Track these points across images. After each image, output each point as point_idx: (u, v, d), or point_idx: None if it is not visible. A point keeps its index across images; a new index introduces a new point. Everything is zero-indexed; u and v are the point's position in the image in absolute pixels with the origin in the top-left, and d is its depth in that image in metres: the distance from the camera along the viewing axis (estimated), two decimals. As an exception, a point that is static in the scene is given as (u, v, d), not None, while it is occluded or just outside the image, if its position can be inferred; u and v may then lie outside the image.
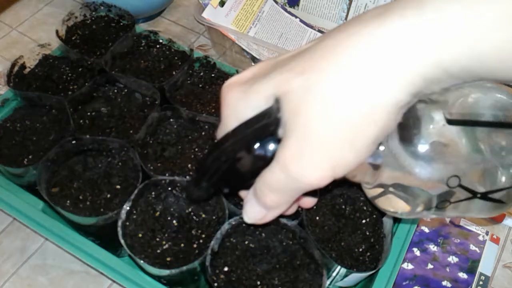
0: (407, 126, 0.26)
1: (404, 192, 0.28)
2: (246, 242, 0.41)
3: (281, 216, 0.41)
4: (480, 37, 0.20)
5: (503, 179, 0.28)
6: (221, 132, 0.28)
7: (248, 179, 0.28)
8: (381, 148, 0.27)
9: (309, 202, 0.33)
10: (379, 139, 0.23)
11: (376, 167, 0.27)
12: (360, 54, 0.22)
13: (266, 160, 0.26)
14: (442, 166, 0.26)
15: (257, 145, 0.26)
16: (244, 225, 0.41)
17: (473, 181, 0.28)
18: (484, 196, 0.28)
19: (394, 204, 0.30)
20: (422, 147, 0.26)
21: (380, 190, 0.29)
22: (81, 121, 0.50)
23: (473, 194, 0.28)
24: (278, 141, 0.25)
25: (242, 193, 0.32)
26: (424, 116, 0.27)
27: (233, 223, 0.40)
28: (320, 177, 0.24)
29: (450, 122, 0.26)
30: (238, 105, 0.26)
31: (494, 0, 0.20)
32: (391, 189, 0.29)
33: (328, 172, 0.24)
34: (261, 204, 0.28)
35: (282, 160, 0.24)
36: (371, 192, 0.30)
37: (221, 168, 0.28)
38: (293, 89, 0.23)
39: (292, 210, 0.32)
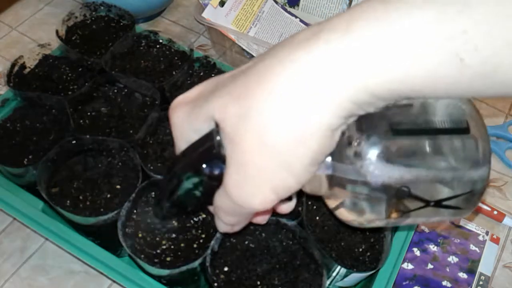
0: (352, 138, 0.26)
1: (356, 203, 0.28)
2: (246, 242, 0.41)
3: (281, 216, 0.41)
4: (404, 62, 0.20)
5: (456, 185, 0.27)
6: (176, 152, 0.28)
7: (206, 198, 0.28)
8: (328, 159, 0.26)
9: (286, 208, 0.32)
10: (318, 161, 0.23)
11: (329, 177, 0.27)
12: (289, 81, 0.22)
13: (217, 179, 0.26)
14: (392, 175, 0.25)
15: (205, 167, 0.26)
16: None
17: (426, 189, 0.27)
18: (438, 204, 0.27)
19: (349, 216, 0.29)
20: (371, 156, 0.25)
21: (335, 202, 0.29)
22: (81, 121, 0.50)
23: (426, 203, 0.27)
24: (223, 163, 0.25)
25: (211, 208, 0.31)
26: (370, 125, 0.26)
27: (233, 223, 0.40)
28: (263, 201, 0.24)
29: (396, 132, 0.26)
30: (183, 127, 0.27)
31: (419, 24, 0.19)
32: (345, 201, 0.28)
33: (271, 196, 0.24)
34: (222, 222, 0.28)
35: (226, 186, 0.25)
36: (329, 204, 0.30)
37: (175, 190, 0.28)
38: (229, 116, 0.23)
39: (263, 220, 0.32)
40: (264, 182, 0.23)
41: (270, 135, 0.22)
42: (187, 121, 0.26)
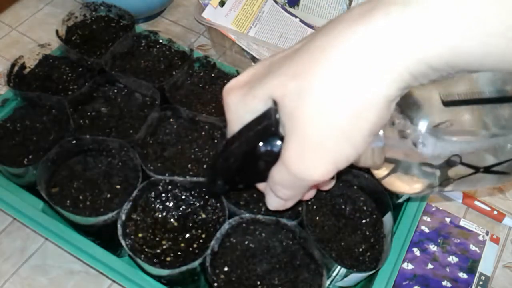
0: (407, 107, 0.27)
1: (407, 171, 0.29)
2: (246, 242, 0.41)
3: (281, 216, 0.41)
4: (463, 33, 0.20)
5: (506, 151, 0.28)
6: (229, 134, 0.29)
7: (259, 175, 0.29)
8: (381, 132, 0.27)
9: (328, 185, 0.35)
10: (375, 132, 0.24)
11: (379, 150, 0.28)
12: (348, 54, 0.22)
13: (273, 156, 0.27)
14: (444, 144, 0.27)
15: (261, 145, 0.27)
16: (244, 225, 0.41)
17: (476, 155, 0.28)
18: (487, 170, 0.28)
19: (399, 184, 0.30)
20: (423, 126, 0.27)
21: (386, 171, 0.30)
22: (81, 121, 0.50)
23: (476, 170, 0.28)
24: (281, 138, 0.26)
25: (259, 186, 0.33)
26: (422, 98, 0.27)
27: (233, 223, 0.40)
28: (323, 173, 0.25)
29: (447, 103, 0.27)
30: (238, 109, 0.28)
31: None
32: (396, 169, 0.29)
33: (330, 167, 0.25)
34: (278, 196, 0.29)
35: (285, 160, 0.25)
36: (377, 174, 0.31)
37: (232, 168, 0.29)
38: (288, 93, 0.24)
39: (311, 195, 0.34)
40: (324, 154, 0.24)
41: (331, 107, 0.23)
42: (242, 103, 0.27)
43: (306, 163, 0.25)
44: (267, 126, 0.26)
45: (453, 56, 0.21)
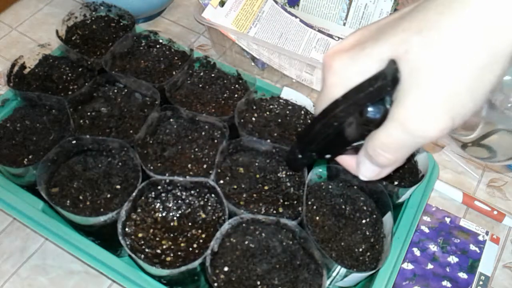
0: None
1: (499, 139, 0.30)
2: (246, 242, 0.41)
3: (282, 216, 0.41)
4: None
5: None
6: (323, 102, 0.29)
7: (352, 143, 0.29)
8: None
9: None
10: (495, 87, 0.25)
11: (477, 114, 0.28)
12: (478, 8, 0.23)
13: (375, 123, 0.27)
14: None
15: (370, 108, 0.26)
16: (244, 225, 0.41)
17: None
18: None
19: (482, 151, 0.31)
20: None
21: (472, 137, 0.31)
22: (81, 121, 0.50)
23: None
24: (388, 103, 0.26)
25: (341, 159, 0.33)
26: None
27: (233, 223, 0.40)
28: (441, 129, 0.25)
29: None
30: (347, 70, 0.27)
31: None
32: (487, 135, 0.30)
33: (449, 123, 0.25)
34: (376, 163, 0.29)
35: (401, 118, 0.25)
36: (464, 140, 0.32)
37: (330, 134, 0.29)
38: (412, 48, 0.24)
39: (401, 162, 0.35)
40: (446, 109, 0.24)
41: (459, 60, 0.23)
42: (352, 64, 0.27)
43: (425, 119, 0.25)
44: (382, 86, 0.25)
45: None
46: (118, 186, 0.45)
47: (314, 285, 0.39)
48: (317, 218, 0.44)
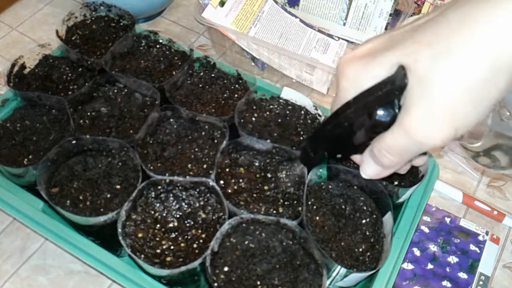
0: None
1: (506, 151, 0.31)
2: (246, 242, 0.41)
3: (282, 216, 0.41)
4: None
5: None
6: (337, 104, 0.31)
7: (361, 145, 0.31)
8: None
9: (421, 160, 0.38)
10: (498, 101, 0.25)
11: (484, 124, 0.30)
12: (485, 26, 0.24)
13: (384, 126, 0.28)
14: None
15: (379, 111, 0.28)
16: (244, 225, 0.41)
17: None
18: None
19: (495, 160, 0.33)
20: None
21: (479, 145, 0.32)
22: (81, 121, 0.50)
23: None
24: (397, 107, 0.27)
25: (355, 157, 0.35)
26: None
27: (233, 223, 0.40)
28: (444, 138, 0.26)
29: None
30: (359, 76, 0.29)
31: None
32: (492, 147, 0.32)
33: (451, 133, 0.26)
34: (379, 164, 0.31)
35: (406, 124, 0.27)
36: (471, 148, 0.33)
37: (340, 135, 0.31)
38: (421, 58, 0.26)
39: (406, 169, 0.36)
40: (449, 119, 0.26)
41: (465, 74, 0.24)
42: (364, 71, 0.29)
43: (428, 127, 0.26)
44: (390, 91, 0.27)
45: None
46: (118, 186, 0.45)
47: (314, 285, 0.39)
48: (317, 218, 0.44)
